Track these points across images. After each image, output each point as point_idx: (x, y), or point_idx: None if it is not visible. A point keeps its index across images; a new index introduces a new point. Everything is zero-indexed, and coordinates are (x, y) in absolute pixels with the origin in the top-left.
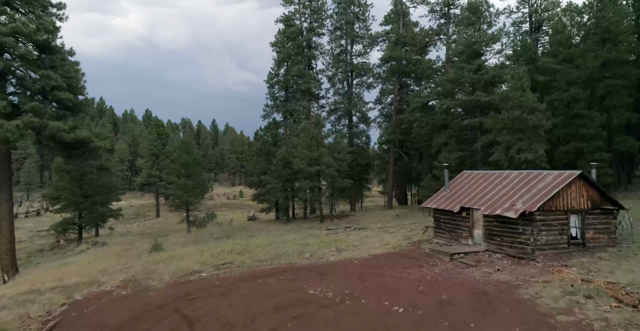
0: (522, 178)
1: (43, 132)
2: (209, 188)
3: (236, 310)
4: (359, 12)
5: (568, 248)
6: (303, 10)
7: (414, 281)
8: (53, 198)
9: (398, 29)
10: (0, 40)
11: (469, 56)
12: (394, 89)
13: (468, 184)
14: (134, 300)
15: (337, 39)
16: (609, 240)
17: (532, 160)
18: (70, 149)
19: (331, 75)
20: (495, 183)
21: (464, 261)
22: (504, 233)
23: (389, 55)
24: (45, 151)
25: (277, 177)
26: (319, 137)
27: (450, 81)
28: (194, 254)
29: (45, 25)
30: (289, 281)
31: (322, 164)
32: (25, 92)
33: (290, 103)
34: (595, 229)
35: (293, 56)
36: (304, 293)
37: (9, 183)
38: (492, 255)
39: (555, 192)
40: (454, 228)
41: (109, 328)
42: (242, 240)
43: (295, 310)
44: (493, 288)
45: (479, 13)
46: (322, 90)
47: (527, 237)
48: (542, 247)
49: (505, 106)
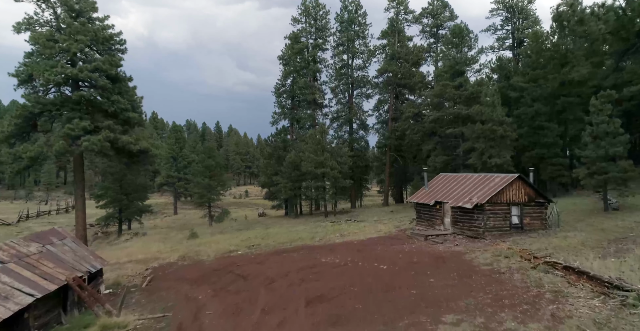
0: (479, 179)
1: (115, 144)
2: (229, 187)
3: (272, 270)
4: (359, 31)
5: (510, 230)
6: (309, 28)
7: (396, 252)
8: (98, 196)
9: (394, 45)
10: (88, 75)
11: (452, 74)
12: (390, 99)
13: (442, 184)
14: (195, 266)
15: (339, 54)
16: (541, 225)
17: (501, 164)
18: (134, 157)
19: (334, 87)
20: (460, 183)
21: (434, 240)
22: (464, 220)
23: (386, 69)
24: (109, 158)
25: (287, 177)
26: (324, 143)
27: (436, 95)
28: (226, 240)
29: (115, 61)
30: (306, 254)
31: (326, 167)
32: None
33: (297, 111)
34: (530, 216)
35: (300, 70)
36: (319, 261)
37: (82, 183)
38: (456, 236)
39: (500, 189)
40: (430, 217)
41: (189, 279)
42: (261, 230)
43: (314, 269)
44: (448, 255)
45: (461, 37)
46: (326, 100)
47: (480, 222)
48: (490, 230)
49: (480, 119)
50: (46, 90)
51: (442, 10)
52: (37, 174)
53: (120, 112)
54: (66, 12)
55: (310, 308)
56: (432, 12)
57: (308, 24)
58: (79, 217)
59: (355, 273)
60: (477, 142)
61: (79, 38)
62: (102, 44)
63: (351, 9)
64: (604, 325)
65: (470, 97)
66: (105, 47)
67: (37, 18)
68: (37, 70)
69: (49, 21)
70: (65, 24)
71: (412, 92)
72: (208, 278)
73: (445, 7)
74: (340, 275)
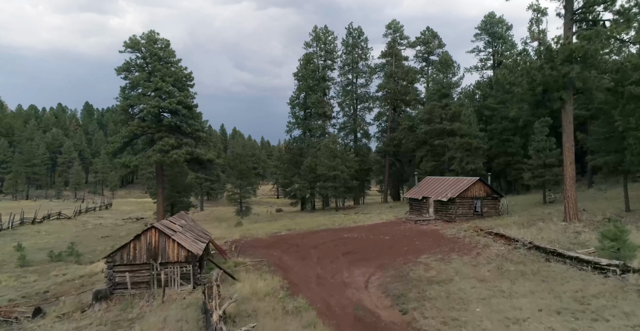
0: (453, 181)
1: (191, 156)
2: (257, 187)
3: (313, 241)
4: (362, 54)
5: (473, 216)
6: (320, 52)
7: (395, 230)
8: (152, 193)
9: (391, 65)
10: (175, 107)
11: (440, 96)
12: (389, 111)
13: (428, 184)
14: (257, 241)
15: (345, 74)
16: (495, 212)
17: (475, 169)
18: (203, 165)
19: (340, 102)
20: (440, 183)
21: (421, 223)
22: (442, 209)
23: (384, 86)
24: (185, 166)
25: (305, 179)
26: (335, 150)
27: (427, 112)
28: (267, 226)
29: (190, 94)
30: (332, 232)
31: (337, 170)
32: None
33: (309, 121)
34: (488, 206)
35: (312, 86)
36: (342, 236)
37: (163, 184)
38: (436, 220)
39: (467, 187)
40: (419, 208)
41: (260, 247)
42: (289, 220)
43: (341, 240)
44: (429, 231)
45: (447, 66)
46: (334, 112)
47: (452, 210)
48: (459, 216)
49: (460, 133)
50: (145, 117)
51: (432, 40)
52: (66, 175)
53: (194, 132)
54: (155, 61)
55: (345, 256)
56: (424, 41)
57: (319, 48)
58: (159, 209)
59: (369, 241)
60: (457, 152)
61: (166, 80)
62: (180, 82)
63: (355, 35)
64: (501, 256)
65: (453, 115)
66: (182, 83)
67: (133, 63)
68: (136, 102)
69: (141, 65)
70: (156, 69)
71: (407, 106)
72: (273, 246)
73: (435, 36)
74: (359, 242)
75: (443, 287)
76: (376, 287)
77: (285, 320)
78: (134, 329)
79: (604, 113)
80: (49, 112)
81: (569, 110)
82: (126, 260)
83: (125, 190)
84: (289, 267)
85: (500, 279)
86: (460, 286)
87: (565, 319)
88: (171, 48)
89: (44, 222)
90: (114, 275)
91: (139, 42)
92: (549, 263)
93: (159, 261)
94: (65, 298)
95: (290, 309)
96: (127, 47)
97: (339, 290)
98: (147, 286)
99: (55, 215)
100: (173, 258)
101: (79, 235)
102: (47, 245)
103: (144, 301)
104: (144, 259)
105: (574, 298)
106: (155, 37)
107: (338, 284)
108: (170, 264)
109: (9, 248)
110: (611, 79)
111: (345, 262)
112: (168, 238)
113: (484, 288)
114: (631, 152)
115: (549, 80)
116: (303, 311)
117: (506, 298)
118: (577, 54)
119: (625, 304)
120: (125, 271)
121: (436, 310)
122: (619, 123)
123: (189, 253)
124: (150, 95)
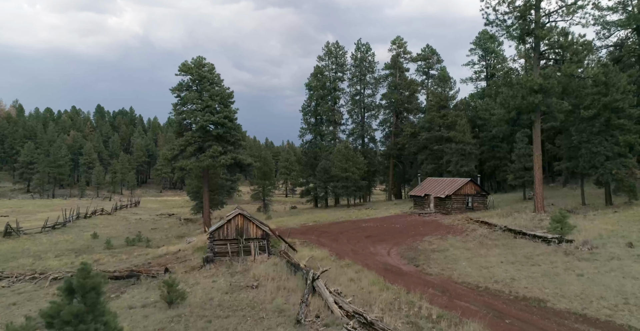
0: (449, 181)
1: (234, 161)
2: (275, 186)
3: (338, 229)
4: (369, 67)
5: (465, 209)
6: (331, 65)
7: (403, 220)
8: (189, 192)
9: (395, 77)
10: (221, 120)
11: (438, 107)
12: (393, 119)
13: (429, 184)
14: (292, 229)
15: (353, 85)
16: (483, 206)
17: (468, 171)
18: (243, 168)
19: (349, 110)
20: (439, 183)
21: (423, 215)
22: (441, 204)
23: (389, 96)
24: (225, 169)
25: (320, 179)
26: (348, 154)
27: (427, 121)
28: (293, 219)
29: (233, 110)
30: (352, 223)
31: (349, 171)
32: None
33: (319, 127)
34: (477, 202)
35: (324, 96)
36: (361, 225)
37: (207, 185)
38: (436, 213)
39: (460, 186)
40: (422, 204)
41: (297, 233)
42: (311, 215)
43: (360, 228)
44: (430, 221)
45: (444, 81)
46: (343, 119)
47: (449, 205)
48: (455, 209)
49: (455, 140)
50: (197, 129)
51: (431, 56)
52: (87, 175)
53: (236, 140)
54: (205, 82)
55: (367, 238)
56: (424, 57)
57: (330, 61)
58: (205, 205)
59: (383, 228)
60: (453, 156)
61: (214, 98)
62: (225, 99)
63: (363, 50)
64: (483, 235)
65: (450, 124)
66: (226, 101)
67: (185, 83)
68: (190, 117)
69: (189, 85)
70: (205, 89)
71: (409, 113)
72: (307, 232)
73: (434, 53)
74: (376, 229)
75: (441, 253)
76: (395, 255)
77: (343, 269)
78: (249, 273)
79: (565, 130)
80: (64, 115)
81: (537, 127)
82: (222, 236)
83: (142, 189)
84: (327, 244)
85: (480, 248)
86: (453, 252)
87: (515, 266)
88: (215, 71)
89: (92, 217)
90: (214, 246)
91: (190, 66)
92: (516, 239)
93: (243, 237)
94: (172, 265)
95: (342, 265)
96: (181, 71)
97: (370, 257)
98: (237, 255)
99: (99, 211)
100: (253, 235)
101: (129, 227)
102: (109, 234)
103: (239, 263)
104: (233, 235)
105: (524, 256)
106: (202, 62)
107: (368, 254)
108: (251, 239)
109: (87, 236)
110: (569, 103)
111: (369, 242)
112: (249, 221)
113: (468, 253)
114: (583, 159)
115: (521, 106)
116: (352, 265)
117: (482, 257)
118: (539, 87)
119: (553, 258)
120: (222, 244)
121: (437, 264)
122: (575, 138)
123: (263, 232)
124: (201, 111)
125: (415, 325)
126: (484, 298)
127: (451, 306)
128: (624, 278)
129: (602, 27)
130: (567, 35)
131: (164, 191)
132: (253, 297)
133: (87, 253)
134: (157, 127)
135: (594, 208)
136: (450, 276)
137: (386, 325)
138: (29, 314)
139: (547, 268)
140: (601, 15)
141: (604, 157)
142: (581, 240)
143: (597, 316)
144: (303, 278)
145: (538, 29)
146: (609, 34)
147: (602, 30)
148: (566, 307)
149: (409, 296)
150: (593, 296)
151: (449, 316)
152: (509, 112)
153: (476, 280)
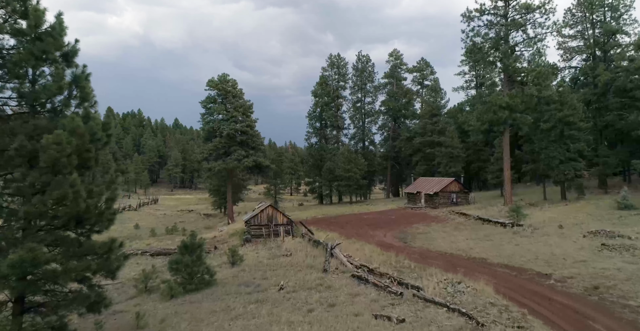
0: (438, 181)
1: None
2: (286, 185)
3: (344, 220)
4: (368, 77)
5: (450, 204)
6: (334, 75)
7: (397, 213)
8: (210, 190)
9: (393, 85)
10: (244, 128)
11: (430, 115)
12: (391, 124)
13: (420, 182)
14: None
15: (355, 93)
16: (465, 202)
17: (456, 172)
18: (262, 169)
19: (351, 116)
20: (429, 182)
21: (415, 209)
22: (430, 200)
23: (387, 104)
24: (246, 171)
25: (325, 178)
26: (350, 157)
27: (421, 127)
28: (304, 213)
29: (253, 119)
30: (355, 216)
31: (351, 172)
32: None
33: (324, 131)
34: (460, 198)
35: (328, 103)
36: (362, 217)
37: (231, 184)
38: (426, 207)
39: (446, 185)
40: (414, 200)
41: (310, 223)
42: (317, 210)
43: (362, 219)
44: (420, 213)
45: (436, 92)
46: (346, 124)
47: (436, 201)
48: (441, 204)
49: (445, 144)
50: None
51: (425, 68)
52: None
53: (256, 145)
54: (230, 96)
55: (368, 226)
56: (419, 69)
57: (334, 72)
58: (229, 201)
59: (381, 219)
60: (442, 158)
61: (238, 110)
62: (246, 110)
63: (363, 61)
64: (460, 223)
65: (440, 130)
66: (247, 112)
67: (212, 97)
68: (218, 126)
69: (215, 99)
70: (229, 101)
71: (405, 119)
72: (318, 222)
73: (427, 65)
74: (375, 219)
75: (424, 235)
76: (390, 236)
77: (350, 245)
78: (282, 248)
79: (529, 138)
80: None
81: (506, 137)
82: (256, 222)
83: (154, 188)
84: (337, 230)
85: (454, 231)
86: (433, 234)
87: (475, 241)
88: (238, 86)
89: (123, 212)
90: (251, 230)
91: (217, 82)
92: (483, 225)
93: (273, 223)
94: (217, 245)
95: (350, 242)
96: (209, 86)
97: (370, 238)
98: (268, 236)
99: (127, 207)
100: (280, 222)
101: (160, 220)
102: (146, 226)
103: (272, 242)
104: (265, 222)
105: (484, 235)
106: (227, 79)
107: (369, 236)
108: (279, 225)
109: (130, 227)
110: (532, 117)
111: (369, 228)
112: (277, 211)
113: (445, 234)
114: (543, 162)
115: (492, 120)
116: (357, 242)
117: (454, 236)
118: (506, 105)
119: (504, 236)
120: (257, 228)
121: (420, 241)
122: (536, 145)
123: (288, 219)
124: (226, 121)
125: (399, 270)
126: (446, 257)
127: (424, 262)
128: (544, 246)
129: (564, 52)
130: (530, 62)
131: (175, 190)
132: (290, 260)
133: (138, 239)
134: (165, 128)
135: (551, 202)
136: (428, 247)
137: (381, 271)
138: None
139: (497, 242)
140: (564, 42)
141: (558, 161)
142: (528, 224)
143: (514, 265)
144: (324, 249)
145: (506, 57)
146: (570, 57)
147: (564, 54)
148: (498, 262)
149: (397, 258)
150: (517, 256)
151: (421, 266)
152: (483, 124)
153: (445, 249)
